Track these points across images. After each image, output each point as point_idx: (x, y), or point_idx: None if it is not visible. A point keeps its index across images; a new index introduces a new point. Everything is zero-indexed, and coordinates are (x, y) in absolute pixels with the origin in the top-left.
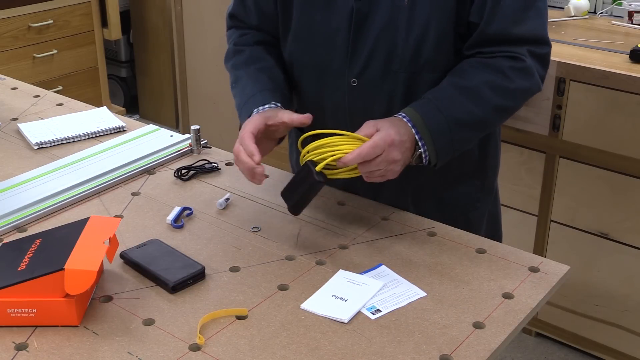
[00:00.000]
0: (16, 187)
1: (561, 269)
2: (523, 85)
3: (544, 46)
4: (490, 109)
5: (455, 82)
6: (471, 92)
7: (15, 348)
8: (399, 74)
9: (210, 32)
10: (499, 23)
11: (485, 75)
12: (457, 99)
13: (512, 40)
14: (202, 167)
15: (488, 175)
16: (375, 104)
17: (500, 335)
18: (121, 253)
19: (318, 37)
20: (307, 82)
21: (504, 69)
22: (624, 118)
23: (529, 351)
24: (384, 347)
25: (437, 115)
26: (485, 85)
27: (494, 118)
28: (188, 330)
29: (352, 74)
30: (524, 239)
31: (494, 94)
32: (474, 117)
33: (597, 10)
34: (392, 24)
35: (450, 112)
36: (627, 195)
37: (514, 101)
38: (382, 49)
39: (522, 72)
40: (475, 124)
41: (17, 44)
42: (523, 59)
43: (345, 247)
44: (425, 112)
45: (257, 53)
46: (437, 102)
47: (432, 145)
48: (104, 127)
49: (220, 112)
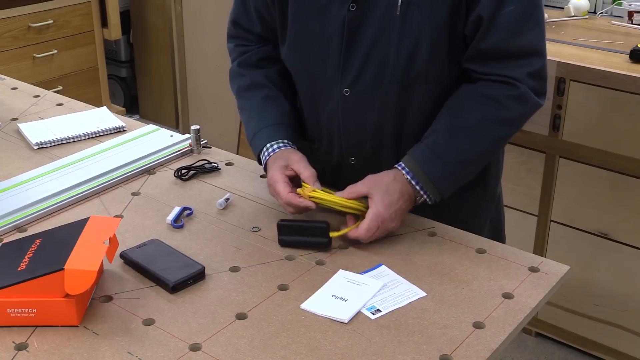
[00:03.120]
0: (16, 187)
1: (561, 269)
2: (520, 111)
3: (539, 59)
4: (490, 142)
5: (452, 123)
6: (469, 133)
7: (15, 348)
8: (392, 85)
9: (210, 32)
10: (494, 37)
11: (483, 109)
12: (455, 143)
13: (507, 55)
14: (202, 167)
15: (490, 183)
16: (368, 113)
17: (500, 335)
18: (121, 253)
19: (312, 46)
20: (302, 91)
21: (500, 99)
22: (624, 118)
23: (529, 351)
24: (384, 347)
25: (437, 162)
26: (484, 121)
27: (495, 148)
28: (188, 330)
29: (344, 84)
30: (524, 239)
31: (493, 127)
32: (475, 154)
33: (597, 10)
34: (385, 35)
35: (449, 157)
36: (627, 195)
37: (512, 128)
38: (374, 60)
39: (518, 99)
40: (476, 160)
41: (17, 44)
42: (518, 85)
43: (345, 247)
44: (425, 161)
45: (259, 79)
46: (435, 148)
47: (436, 190)
48: (104, 127)
49: (220, 112)
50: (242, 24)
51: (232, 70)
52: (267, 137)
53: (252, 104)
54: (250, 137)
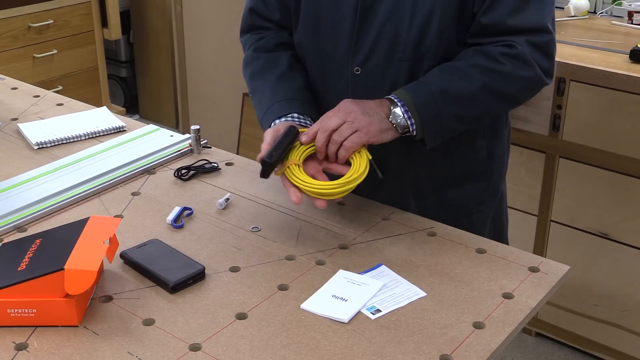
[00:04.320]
0: (16, 187)
1: (561, 269)
2: (516, 71)
3: (544, 34)
4: (479, 87)
5: (445, 65)
6: (458, 70)
7: (15, 348)
8: (402, 62)
9: (210, 32)
10: (495, 13)
11: (475, 59)
12: (444, 75)
13: (508, 30)
14: (202, 167)
15: (494, 177)
16: (378, 92)
17: (500, 335)
18: (121, 253)
19: (324, 25)
20: (312, 71)
21: (494, 54)
22: (624, 118)
23: (529, 351)
24: (384, 347)
25: (423, 89)
26: (474, 67)
27: (485, 98)
28: (188, 330)
29: (355, 63)
30: (524, 239)
31: (482, 74)
32: (461, 91)
33: (597, 10)
34: (397, 13)
35: (436, 85)
36: (627, 195)
37: (506, 84)
38: (385, 38)
39: (515, 58)
40: (462, 99)
41: (17, 44)
42: (516, 46)
43: (345, 247)
44: (412, 89)
45: (274, 59)
46: (424, 79)
47: (418, 117)
48: (104, 127)
49: (220, 112)
50: (259, 12)
51: (247, 56)
52: (279, 111)
53: (266, 83)
54: (261, 116)
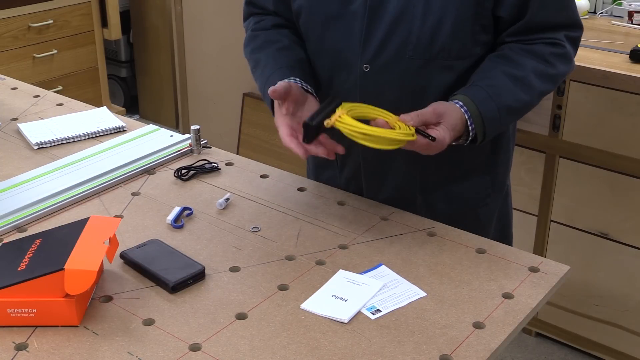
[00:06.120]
0: (16, 187)
1: (561, 269)
2: (563, 70)
3: (578, 29)
4: (535, 95)
5: (507, 71)
6: (522, 82)
7: (15, 348)
8: (413, 60)
9: (210, 32)
10: (543, 13)
11: (533, 63)
12: (510, 89)
13: (553, 27)
14: (202, 167)
15: (499, 171)
16: (387, 89)
17: (500, 335)
18: (121, 253)
19: (334, 21)
20: (320, 68)
21: (545, 55)
22: (624, 118)
23: (529, 351)
24: (384, 347)
25: (491, 104)
26: (533, 73)
27: (536, 102)
28: (188, 330)
29: (365, 59)
30: (524, 239)
31: (540, 81)
32: (522, 103)
33: (597, 10)
34: (408, 11)
35: (502, 101)
36: (627, 195)
37: (554, 85)
38: (396, 36)
39: (562, 57)
40: (521, 110)
41: (17, 44)
42: (563, 44)
43: (345, 247)
44: (481, 101)
45: (273, 36)
46: (490, 90)
47: (482, 131)
48: (104, 127)
49: (220, 112)
50: (255, 2)
51: (246, 37)
52: (280, 77)
53: (267, 54)
54: (262, 86)
